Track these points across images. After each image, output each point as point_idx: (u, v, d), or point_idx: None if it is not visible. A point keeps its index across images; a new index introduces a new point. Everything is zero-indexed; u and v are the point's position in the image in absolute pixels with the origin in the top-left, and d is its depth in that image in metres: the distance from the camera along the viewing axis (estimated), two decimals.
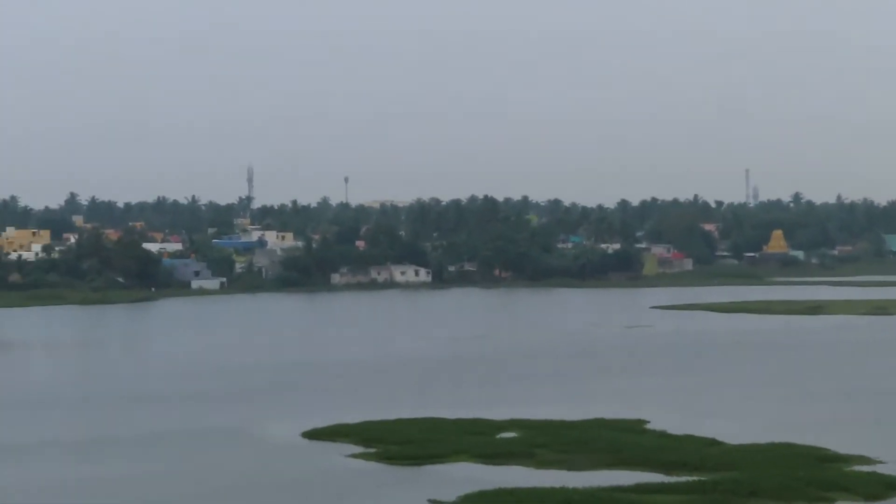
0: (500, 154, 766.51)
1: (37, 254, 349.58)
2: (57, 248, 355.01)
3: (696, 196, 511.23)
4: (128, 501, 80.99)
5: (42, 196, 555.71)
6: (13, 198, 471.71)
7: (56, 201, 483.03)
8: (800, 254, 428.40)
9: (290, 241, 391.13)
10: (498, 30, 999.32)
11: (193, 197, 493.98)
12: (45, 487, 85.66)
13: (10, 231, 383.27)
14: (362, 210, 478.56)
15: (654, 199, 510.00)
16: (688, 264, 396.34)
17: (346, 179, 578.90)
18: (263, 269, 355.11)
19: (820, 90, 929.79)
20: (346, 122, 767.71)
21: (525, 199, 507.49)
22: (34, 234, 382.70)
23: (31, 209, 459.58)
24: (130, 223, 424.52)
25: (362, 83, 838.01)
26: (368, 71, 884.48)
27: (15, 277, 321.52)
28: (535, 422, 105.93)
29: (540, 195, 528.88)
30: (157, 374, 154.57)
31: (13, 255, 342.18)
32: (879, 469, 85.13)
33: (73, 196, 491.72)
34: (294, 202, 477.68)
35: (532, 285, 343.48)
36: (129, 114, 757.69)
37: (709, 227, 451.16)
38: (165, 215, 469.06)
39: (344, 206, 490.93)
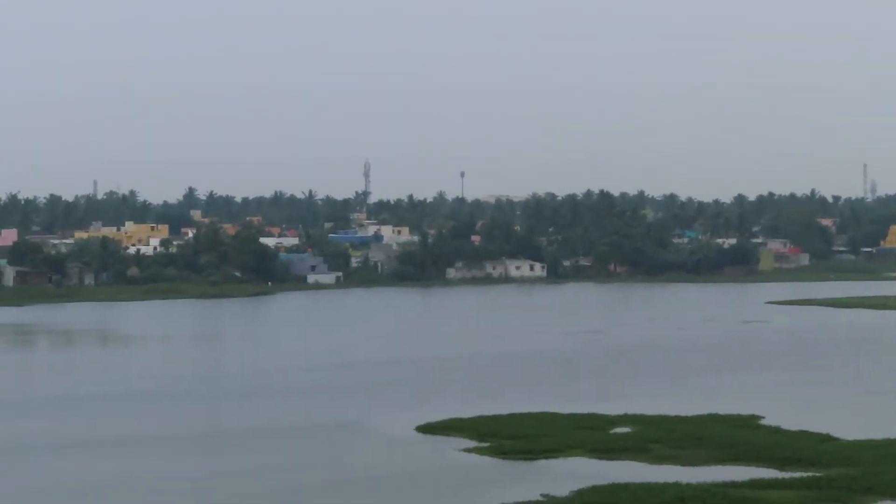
0: (615, 149, 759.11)
1: (155, 248, 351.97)
2: (175, 243, 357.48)
3: (813, 191, 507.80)
4: (246, 494, 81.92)
5: (160, 191, 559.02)
6: (132, 193, 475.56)
7: (174, 196, 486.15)
8: None
9: (405, 235, 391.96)
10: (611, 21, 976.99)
11: (310, 191, 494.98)
12: (167, 479, 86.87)
13: (129, 226, 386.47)
14: (478, 205, 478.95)
15: (770, 194, 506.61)
16: (804, 259, 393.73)
17: (462, 174, 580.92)
18: (379, 264, 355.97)
19: None
20: (462, 116, 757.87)
21: (641, 193, 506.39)
22: (152, 228, 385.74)
23: (149, 204, 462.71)
24: (248, 217, 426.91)
25: (476, 76, 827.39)
26: (482, 63, 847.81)
27: (133, 271, 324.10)
28: (649, 417, 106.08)
29: (656, 190, 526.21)
30: (274, 367, 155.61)
31: (132, 250, 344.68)
32: None
33: (191, 191, 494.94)
34: (410, 197, 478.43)
35: (647, 280, 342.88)
36: (245, 109, 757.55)
37: (826, 222, 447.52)
38: (282, 210, 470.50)
39: (459, 201, 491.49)
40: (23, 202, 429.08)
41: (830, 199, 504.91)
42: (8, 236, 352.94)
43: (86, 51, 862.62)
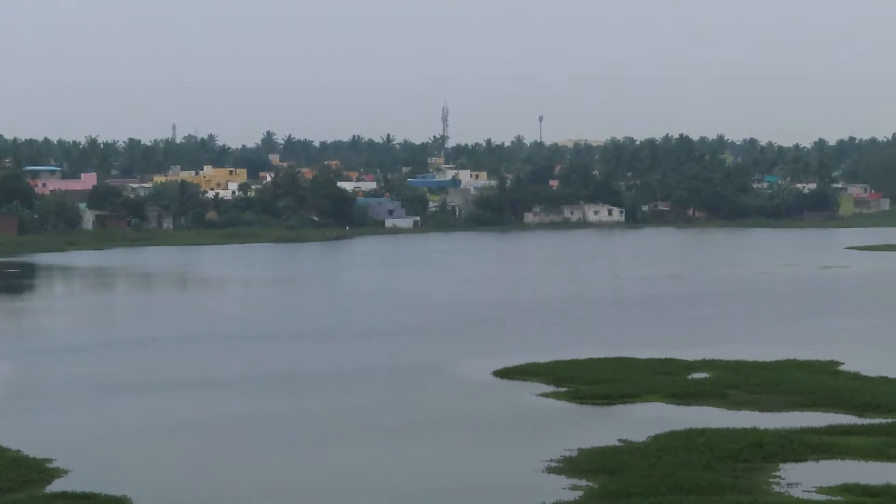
0: (695, 93, 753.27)
1: (233, 192, 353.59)
2: (253, 187, 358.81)
3: (894, 135, 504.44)
4: (331, 434, 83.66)
5: (239, 135, 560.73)
6: (211, 137, 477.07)
7: (253, 140, 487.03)
8: None
9: (483, 180, 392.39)
10: None
11: (388, 136, 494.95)
12: (251, 418, 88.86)
13: (208, 170, 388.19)
14: (556, 149, 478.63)
15: (851, 139, 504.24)
16: (885, 204, 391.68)
17: (541, 118, 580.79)
18: (457, 209, 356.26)
19: None
20: (538, 62, 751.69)
21: (720, 138, 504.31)
22: (231, 172, 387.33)
23: (228, 148, 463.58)
24: (326, 162, 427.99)
25: (552, 26, 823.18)
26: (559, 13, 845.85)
27: (212, 215, 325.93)
28: (726, 362, 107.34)
29: (735, 135, 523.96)
30: (354, 310, 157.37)
31: (210, 194, 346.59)
32: None
33: (269, 135, 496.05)
34: (488, 141, 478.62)
35: (726, 225, 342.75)
36: (323, 54, 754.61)
37: None
38: (360, 154, 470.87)
39: (538, 146, 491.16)
40: (102, 146, 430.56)
41: None
42: (87, 180, 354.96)
43: None
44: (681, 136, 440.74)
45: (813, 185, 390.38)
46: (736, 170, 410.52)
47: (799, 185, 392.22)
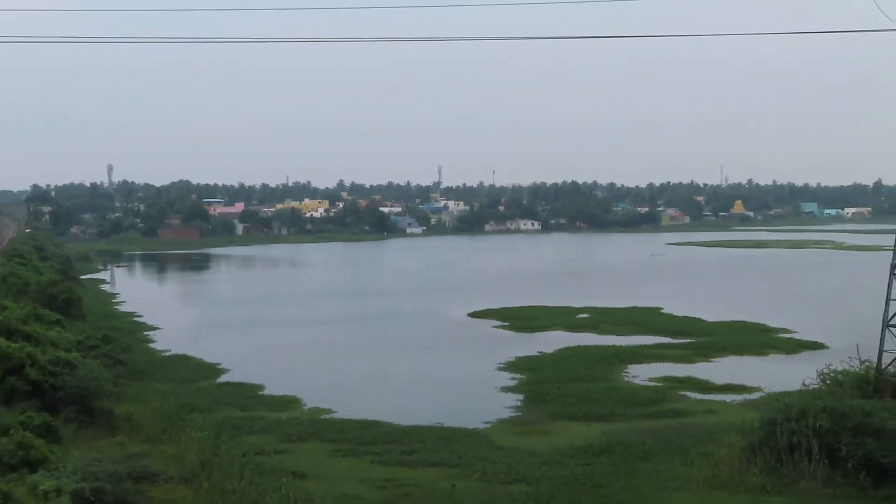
0: (579, 148, 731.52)
1: (321, 214, 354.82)
2: (332, 211, 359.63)
3: (692, 181, 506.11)
4: (381, 348, 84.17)
5: (323, 179, 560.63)
6: (308, 182, 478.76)
7: (331, 183, 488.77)
8: (751, 213, 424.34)
9: (461, 206, 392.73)
10: None
11: (408, 181, 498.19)
12: (337, 340, 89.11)
13: (306, 201, 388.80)
14: (502, 189, 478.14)
15: (668, 182, 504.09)
16: (687, 219, 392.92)
17: (494, 172, 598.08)
18: (446, 222, 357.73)
19: None
20: (498, 145, 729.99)
21: (595, 182, 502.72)
22: (319, 202, 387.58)
23: (317, 188, 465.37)
24: (373, 196, 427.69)
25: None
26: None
27: (309, 227, 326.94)
28: (598, 308, 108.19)
29: (602, 178, 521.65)
30: (389, 279, 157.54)
31: (308, 215, 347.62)
32: (796, 336, 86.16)
33: (341, 181, 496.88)
34: (464, 184, 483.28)
35: (598, 231, 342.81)
36: (374, 119, 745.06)
37: (699, 198, 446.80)
38: (392, 191, 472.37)
39: (492, 187, 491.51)
40: (247, 187, 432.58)
41: (702, 185, 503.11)
42: (238, 207, 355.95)
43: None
44: (573, 181, 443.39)
45: (646, 209, 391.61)
46: (602, 200, 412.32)
47: (639, 209, 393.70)
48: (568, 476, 41.31)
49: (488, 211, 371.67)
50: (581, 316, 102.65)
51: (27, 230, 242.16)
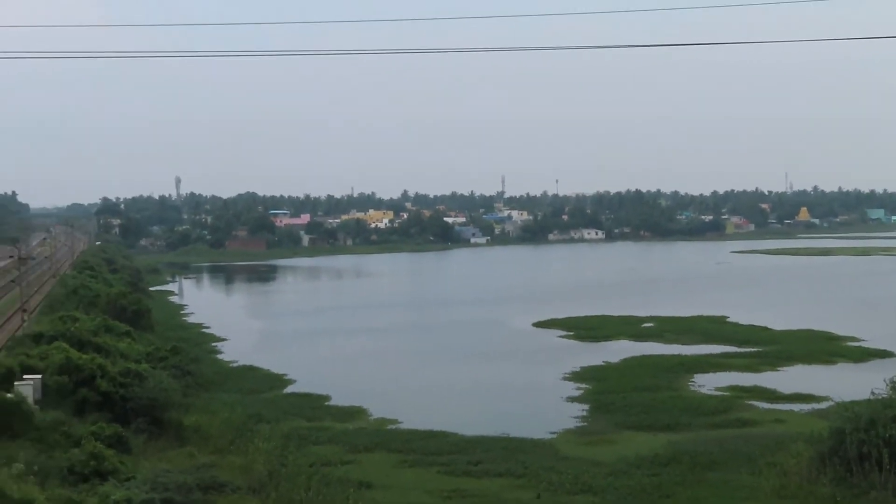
0: (648, 155, 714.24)
1: (385, 224, 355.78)
2: (397, 221, 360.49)
3: (757, 188, 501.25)
4: (445, 357, 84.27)
5: (388, 190, 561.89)
6: (373, 193, 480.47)
7: (395, 194, 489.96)
8: (816, 221, 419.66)
9: (525, 216, 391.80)
10: None
11: (472, 191, 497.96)
12: (403, 350, 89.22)
13: (371, 212, 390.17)
14: (566, 198, 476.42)
15: (732, 189, 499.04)
16: (751, 227, 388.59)
17: (557, 181, 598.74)
18: (510, 232, 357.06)
19: None
20: (555, 150, 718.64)
21: (658, 190, 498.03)
22: (384, 213, 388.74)
23: (381, 198, 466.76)
24: (437, 206, 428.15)
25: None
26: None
27: (373, 237, 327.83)
28: (663, 317, 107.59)
29: (667, 187, 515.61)
30: (453, 288, 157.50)
31: (373, 225, 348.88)
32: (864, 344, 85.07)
33: (405, 191, 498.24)
34: (527, 193, 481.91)
35: (662, 240, 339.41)
36: (437, 128, 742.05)
37: (764, 205, 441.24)
38: (456, 201, 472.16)
39: (556, 196, 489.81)
40: (312, 198, 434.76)
41: (767, 192, 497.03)
42: (304, 218, 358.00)
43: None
44: (636, 189, 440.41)
45: (710, 217, 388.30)
46: (666, 208, 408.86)
47: (703, 217, 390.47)
48: (634, 486, 41.10)
49: (552, 220, 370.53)
50: (646, 325, 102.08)
51: (97, 242, 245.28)
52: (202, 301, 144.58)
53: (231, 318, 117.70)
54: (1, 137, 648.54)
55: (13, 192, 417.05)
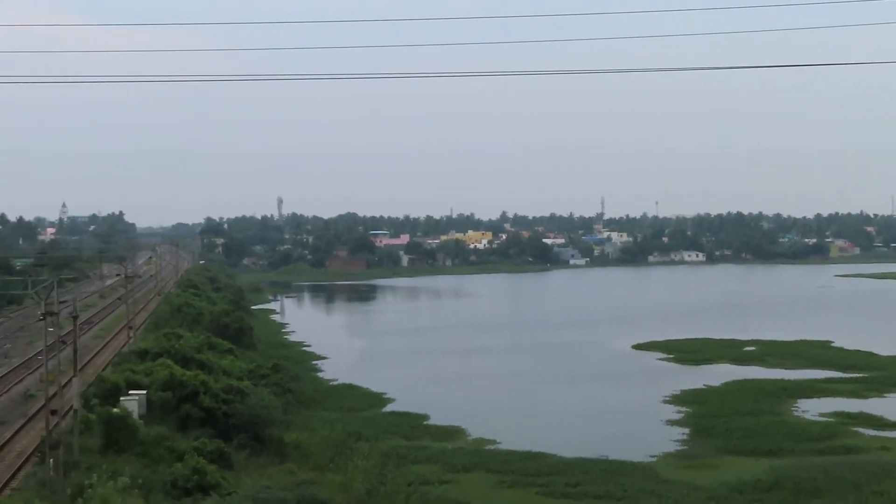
0: (743, 178, 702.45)
1: (484, 245, 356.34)
2: (495, 242, 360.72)
3: (861, 211, 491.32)
4: (543, 379, 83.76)
5: (487, 211, 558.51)
6: (472, 214, 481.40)
7: (494, 215, 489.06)
8: None
9: (624, 237, 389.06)
10: None
11: (570, 213, 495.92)
12: (501, 371, 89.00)
13: (470, 233, 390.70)
14: (666, 220, 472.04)
15: (836, 212, 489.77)
16: (857, 251, 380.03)
17: (657, 203, 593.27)
18: (609, 254, 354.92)
19: None
20: (655, 160, 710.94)
21: (759, 213, 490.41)
22: (483, 234, 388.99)
23: (480, 219, 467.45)
24: (536, 228, 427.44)
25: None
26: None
27: (472, 258, 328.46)
28: (765, 341, 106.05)
29: (768, 209, 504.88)
30: (552, 310, 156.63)
31: (472, 246, 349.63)
32: None
33: (504, 212, 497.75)
34: (627, 215, 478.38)
35: (763, 263, 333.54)
36: (537, 149, 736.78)
37: (869, 228, 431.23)
38: (555, 222, 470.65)
39: (655, 218, 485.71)
40: (412, 219, 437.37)
41: (872, 216, 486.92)
42: (404, 238, 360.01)
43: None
44: (737, 212, 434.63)
45: (814, 240, 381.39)
46: (768, 230, 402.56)
47: (806, 240, 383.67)
48: None
49: (652, 242, 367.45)
50: (748, 349, 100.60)
51: (201, 261, 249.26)
52: (303, 320, 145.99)
53: (331, 337, 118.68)
54: (109, 159, 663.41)
55: (120, 213, 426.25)
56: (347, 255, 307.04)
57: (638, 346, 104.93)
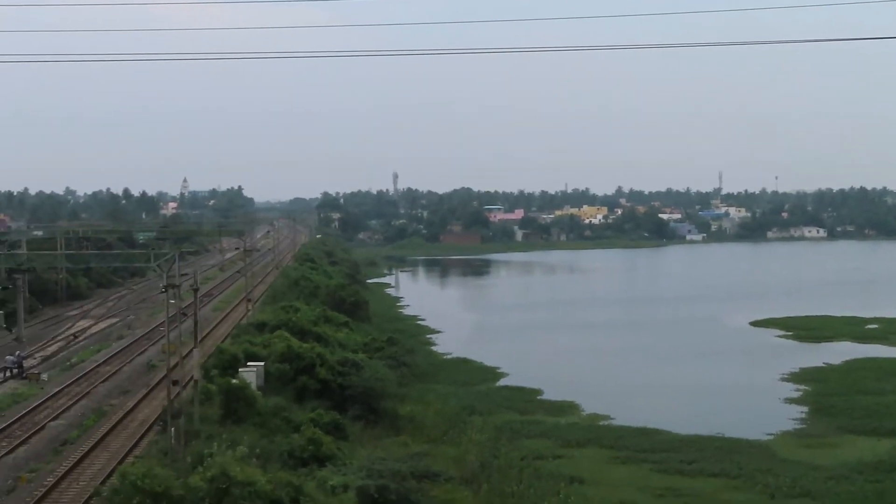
0: (869, 150, 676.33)
1: (599, 220, 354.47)
2: (611, 217, 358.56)
3: None
4: (657, 356, 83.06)
5: (602, 186, 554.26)
6: (587, 189, 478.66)
7: (609, 190, 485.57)
8: None
9: (743, 213, 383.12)
10: None
11: (687, 188, 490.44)
12: (612, 347, 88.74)
13: (585, 208, 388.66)
14: (786, 195, 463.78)
15: None
16: None
17: (776, 178, 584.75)
18: (727, 229, 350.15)
19: None
20: (775, 134, 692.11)
21: (885, 188, 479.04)
22: (598, 209, 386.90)
23: (595, 194, 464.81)
24: (652, 203, 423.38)
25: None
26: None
27: (587, 233, 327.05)
28: (888, 318, 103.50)
29: (894, 184, 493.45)
30: (667, 285, 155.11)
31: (586, 221, 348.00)
32: None
33: (619, 187, 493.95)
34: (745, 190, 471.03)
35: (887, 239, 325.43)
36: (653, 123, 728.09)
37: None
38: (671, 197, 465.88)
39: (775, 193, 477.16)
40: (526, 194, 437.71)
41: None
42: (518, 213, 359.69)
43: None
44: (861, 187, 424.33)
45: None
46: (893, 206, 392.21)
47: None
48: (856, 493, 39.75)
49: (771, 218, 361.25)
50: (870, 326, 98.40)
51: (318, 236, 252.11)
52: (417, 294, 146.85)
53: (445, 311, 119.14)
54: (229, 135, 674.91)
55: (239, 187, 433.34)
56: (462, 230, 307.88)
57: (756, 323, 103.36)
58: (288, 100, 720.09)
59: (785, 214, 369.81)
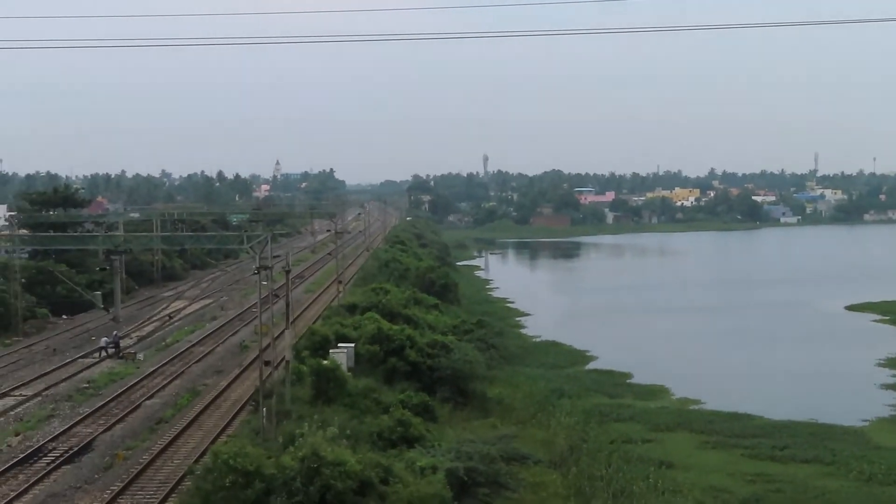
0: None
1: (691, 202, 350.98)
2: (703, 200, 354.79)
3: None
4: (751, 340, 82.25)
5: (694, 168, 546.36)
6: (679, 171, 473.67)
7: (702, 172, 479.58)
8: None
9: (838, 195, 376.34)
10: None
11: (782, 170, 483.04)
12: (702, 331, 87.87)
13: (677, 190, 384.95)
14: (884, 177, 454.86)
15: None
16: None
17: (874, 159, 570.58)
18: (822, 212, 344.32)
19: None
20: (872, 115, 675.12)
21: None
22: (690, 191, 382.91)
23: (688, 176, 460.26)
24: (745, 185, 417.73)
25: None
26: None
27: (679, 216, 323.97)
28: None
29: None
30: (761, 269, 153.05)
31: (678, 203, 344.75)
32: None
33: (712, 169, 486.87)
34: (842, 172, 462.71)
35: None
36: (745, 105, 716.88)
37: None
38: (765, 179, 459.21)
39: (872, 175, 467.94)
40: (617, 176, 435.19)
41: None
42: (609, 196, 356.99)
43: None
44: None
45: None
46: None
47: None
48: None
49: (868, 200, 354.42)
50: None
51: (408, 218, 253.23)
52: (507, 276, 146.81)
53: (535, 294, 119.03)
54: (322, 119, 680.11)
55: (331, 170, 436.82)
56: (552, 212, 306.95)
57: (851, 308, 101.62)
58: (384, 83, 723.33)
59: (883, 197, 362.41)
